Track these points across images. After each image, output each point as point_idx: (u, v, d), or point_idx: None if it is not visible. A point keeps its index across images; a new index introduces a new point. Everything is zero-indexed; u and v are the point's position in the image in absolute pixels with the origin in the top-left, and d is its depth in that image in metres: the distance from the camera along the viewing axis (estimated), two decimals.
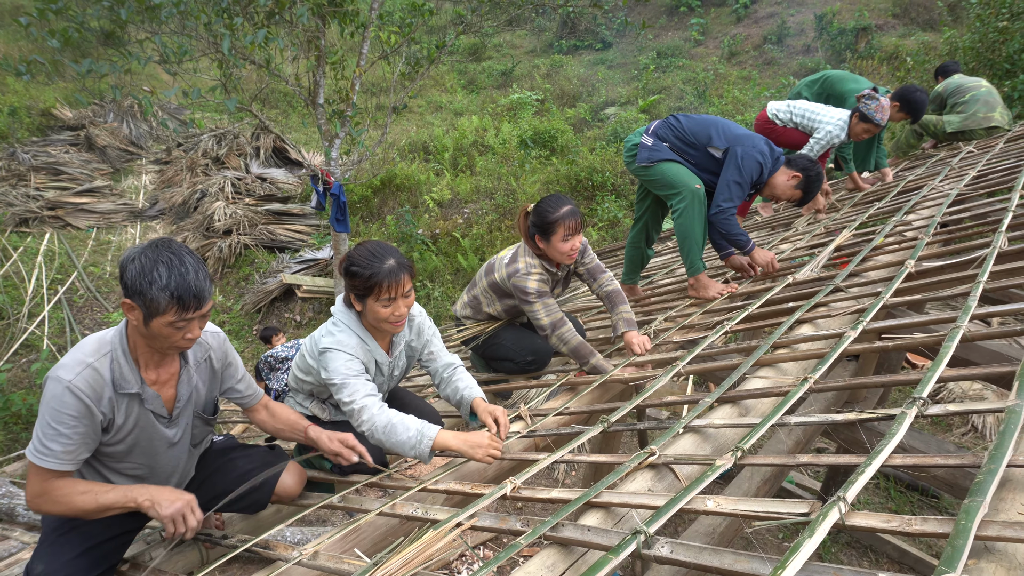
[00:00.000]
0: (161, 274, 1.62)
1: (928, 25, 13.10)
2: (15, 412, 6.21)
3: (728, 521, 2.02)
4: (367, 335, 2.26)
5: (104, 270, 9.55)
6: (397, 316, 2.15)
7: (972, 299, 2.01)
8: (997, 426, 5.19)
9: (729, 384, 2.05)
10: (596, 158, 10.42)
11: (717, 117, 3.46)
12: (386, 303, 2.12)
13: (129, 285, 1.64)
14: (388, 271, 2.08)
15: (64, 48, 5.57)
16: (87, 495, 1.75)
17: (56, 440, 1.67)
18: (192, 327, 1.72)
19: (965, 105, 5.77)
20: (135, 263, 1.64)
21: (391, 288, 2.09)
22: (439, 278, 9.10)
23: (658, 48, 15.64)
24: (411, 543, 1.52)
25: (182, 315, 1.66)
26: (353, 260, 2.13)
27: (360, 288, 2.12)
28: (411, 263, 2.19)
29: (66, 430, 1.67)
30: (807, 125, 4.54)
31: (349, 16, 6.82)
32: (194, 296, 1.66)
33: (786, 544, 4.45)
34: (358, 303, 2.18)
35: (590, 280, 3.06)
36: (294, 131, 14.20)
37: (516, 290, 2.83)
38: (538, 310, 2.78)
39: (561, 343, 2.77)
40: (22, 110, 12.94)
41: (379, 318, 2.15)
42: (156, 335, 1.70)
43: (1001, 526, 0.98)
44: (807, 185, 3.38)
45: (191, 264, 1.68)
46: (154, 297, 1.62)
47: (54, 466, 1.68)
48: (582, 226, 2.83)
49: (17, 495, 3.82)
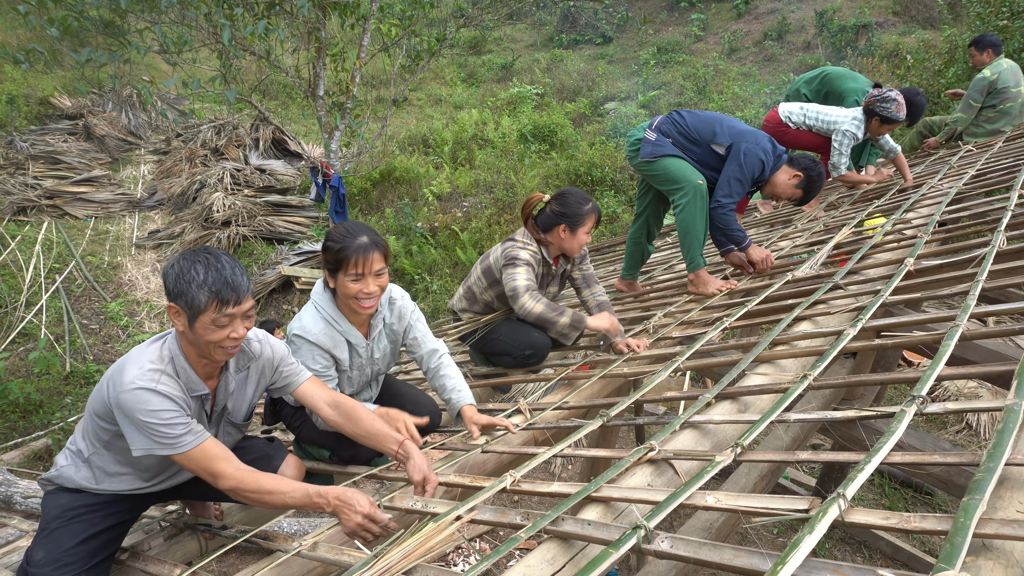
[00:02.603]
0: (198, 271, 1.70)
1: (928, 23, 13.09)
2: (12, 401, 6.20)
3: (726, 517, 2.03)
4: (340, 316, 2.29)
5: (102, 259, 9.52)
6: (366, 294, 2.17)
7: (971, 298, 2.02)
8: (993, 425, 5.23)
9: (728, 380, 2.06)
10: (596, 153, 10.41)
11: (720, 114, 3.47)
12: (355, 278, 2.15)
13: (171, 289, 1.72)
14: (358, 246, 2.12)
15: (63, 37, 5.54)
16: (274, 496, 1.76)
17: (177, 427, 1.71)
18: (235, 325, 1.76)
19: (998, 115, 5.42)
20: (174, 267, 1.72)
21: (359, 263, 2.12)
22: (438, 271, 9.10)
23: (658, 43, 15.61)
24: (411, 535, 1.52)
25: (222, 310, 1.71)
26: (329, 236, 2.19)
27: (331, 262, 2.17)
28: (386, 244, 2.23)
29: (176, 419, 1.71)
30: (822, 128, 4.54)
31: (350, 8, 6.79)
32: (231, 289, 1.72)
33: (781, 540, 4.47)
34: (331, 279, 2.22)
35: (583, 286, 3.10)
36: (294, 123, 14.15)
37: (505, 258, 2.86)
38: (518, 273, 2.81)
39: (525, 313, 2.78)
40: (20, 98, 12.88)
41: (348, 294, 2.18)
42: (201, 337, 1.74)
43: (999, 524, 0.99)
44: (808, 185, 3.40)
45: (227, 262, 1.75)
46: (194, 295, 1.68)
47: (196, 441, 1.73)
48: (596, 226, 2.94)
49: (15, 483, 3.83)
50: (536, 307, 2.76)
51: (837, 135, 4.45)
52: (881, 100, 4.34)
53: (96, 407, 1.83)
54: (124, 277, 9.30)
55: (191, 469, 1.75)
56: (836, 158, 4.52)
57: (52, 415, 6.30)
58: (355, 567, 1.44)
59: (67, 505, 1.87)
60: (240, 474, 1.75)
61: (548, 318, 2.77)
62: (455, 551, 4.34)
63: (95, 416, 1.84)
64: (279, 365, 2.07)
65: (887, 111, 4.33)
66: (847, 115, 4.46)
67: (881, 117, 4.37)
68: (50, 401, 6.52)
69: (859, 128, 4.41)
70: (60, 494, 1.91)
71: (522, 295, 2.77)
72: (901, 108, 4.34)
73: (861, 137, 4.45)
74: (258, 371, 2.05)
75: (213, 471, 1.74)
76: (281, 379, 2.09)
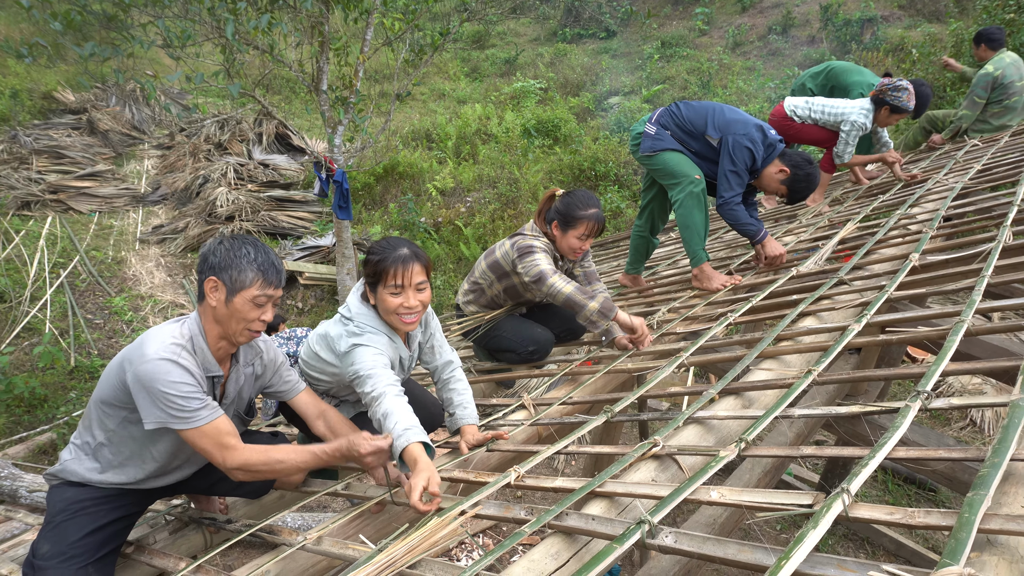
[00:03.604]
0: (249, 251, 1.83)
1: (934, 16, 13.01)
2: (17, 395, 6.22)
3: (729, 512, 2.03)
4: (391, 331, 2.22)
5: (106, 254, 9.53)
6: (407, 308, 2.10)
7: (976, 293, 2.01)
8: (996, 421, 5.22)
9: (732, 376, 2.06)
10: (599, 148, 10.38)
11: (716, 103, 3.43)
12: (394, 291, 2.09)
13: (216, 264, 1.82)
14: (398, 257, 2.08)
15: (66, 31, 5.54)
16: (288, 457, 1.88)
17: (193, 401, 1.75)
18: (267, 308, 1.86)
19: (1002, 111, 5.36)
20: (223, 245, 1.84)
21: (399, 274, 2.06)
22: (441, 267, 9.09)
23: (662, 37, 15.54)
24: (416, 530, 1.53)
25: (265, 289, 1.83)
26: (370, 248, 2.16)
27: (371, 275, 2.13)
28: (428, 258, 2.17)
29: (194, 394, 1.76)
30: (828, 120, 4.53)
31: (353, 2, 6.77)
32: (276, 272, 1.87)
33: (784, 535, 4.47)
34: (372, 294, 2.16)
35: (584, 283, 3.09)
36: (297, 117, 14.14)
37: (519, 250, 2.82)
38: (539, 259, 2.77)
39: (555, 293, 2.71)
40: (24, 93, 12.88)
41: (388, 308, 2.11)
42: (233, 314, 1.82)
43: (1004, 519, 0.99)
44: (793, 184, 3.30)
45: (270, 250, 1.90)
46: (242, 270, 1.80)
47: (210, 417, 1.77)
48: (599, 234, 2.87)
49: (20, 477, 3.84)
50: (566, 288, 2.69)
51: (846, 125, 4.45)
52: (893, 89, 4.34)
53: (103, 394, 1.85)
54: (128, 272, 9.32)
55: (201, 446, 1.78)
56: (842, 147, 4.52)
57: (57, 409, 6.32)
58: (360, 561, 1.45)
59: (73, 498, 1.88)
60: (248, 449, 1.83)
61: (577, 300, 2.68)
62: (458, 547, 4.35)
63: (101, 404, 1.86)
64: (279, 369, 2.16)
65: (898, 100, 4.34)
66: (855, 105, 4.46)
67: (891, 106, 4.38)
68: (55, 395, 6.54)
69: (868, 118, 4.43)
70: (66, 488, 1.92)
71: (550, 277, 2.71)
72: (911, 97, 4.36)
73: (870, 127, 4.45)
74: (261, 368, 2.12)
75: (225, 445, 1.79)
76: (280, 383, 2.18)
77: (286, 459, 1.88)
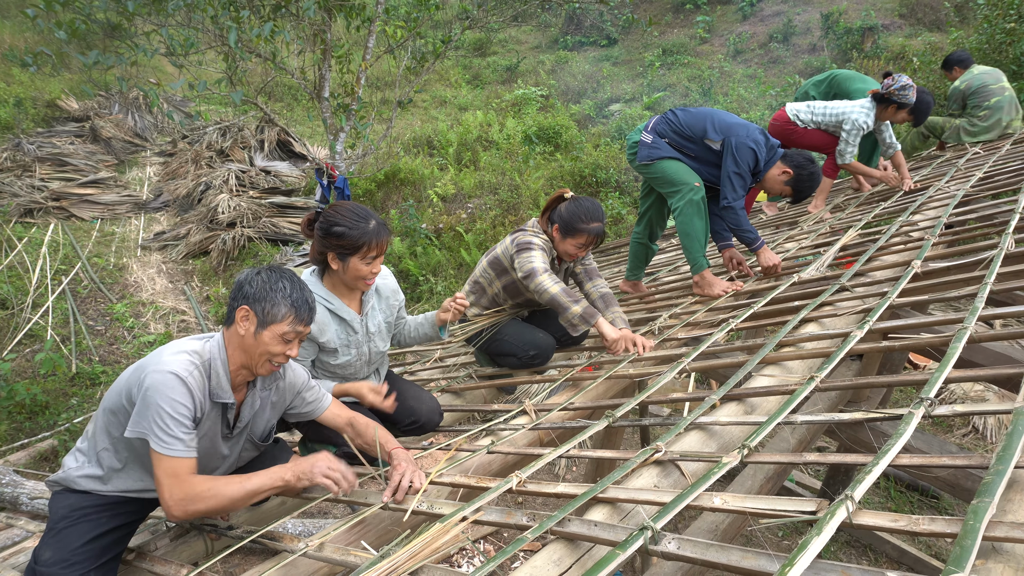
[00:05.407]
0: (285, 286, 1.83)
1: (935, 25, 13.04)
2: (19, 402, 6.22)
3: (731, 518, 2.02)
4: (331, 295, 2.37)
5: (108, 261, 9.55)
6: (374, 273, 2.32)
7: (979, 300, 2.01)
8: (999, 428, 5.21)
9: (735, 382, 2.06)
10: (600, 154, 10.40)
11: (713, 109, 3.45)
12: (369, 261, 2.26)
13: (250, 294, 1.81)
14: (375, 230, 2.24)
15: (70, 40, 5.58)
16: (231, 484, 1.78)
17: (180, 428, 1.71)
18: (294, 344, 1.86)
19: (988, 112, 5.50)
20: (260, 276, 1.84)
21: (378, 246, 2.24)
22: (442, 272, 9.10)
23: (663, 45, 15.58)
24: (417, 536, 1.52)
25: (295, 326, 1.84)
26: (337, 221, 2.23)
27: (347, 247, 2.23)
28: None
29: (184, 421, 1.72)
30: (830, 122, 4.57)
31: (355, 10, 6.81)
32: (309, 310, 1.87)
33: (786, 542, 4.46)
34: (337, 262, 2.29)
35: (585, 279, 3.10)
36: (299, 124, 14.18)
37: (518, 245, 2.85)
38: (534, 256, 2.80)
39: (541, 291, 2.75)
40: (28, 101, 12.93)
41: (359, 275, 2.29)
42: (259, 346, 1.81)
43: (1009, 527, 0.99)
44: (797, 184, 3.35)
45: (306, 287, 1.90)
46: (276, 304, 1.80)
47: (183, 453, 1.72)
48: (597, 246, 2.91)
49: (21, 484, 3.84)
50: (552, 288, 2.72)
51: (847, 124, 4.48)
52: (900, 88, 4.38)
53: (111, 403, 1.84)
54: (130, 278, 9.33)
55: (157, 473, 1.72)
56: (843, 146, 4.54)
57: (58, 416, 6.31)
58: (361, 568, 1.44)
59: (75, 505, 1.87)
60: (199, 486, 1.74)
61: (561, 302, 2.72)
62: (459, 553, 4.33)
63: (108, 412, 1.85)
64: (301, 390, 2.12)
65: (905, 97, 4.39)
66: (855, 105, 4.51)
67: (899, 104, 4.42)
68: (56, 402, 6.53)
69: (869, 116, 4.46)
70: (68, 495, 1.91)
71: (540, 275, 2.74)
72: (915, 92, 4.43)
73: (871, 126, 4.48)
74: (280, 393, 2.09)
75: (173, 481, 1.71)
76: (304, 405, 2.15)
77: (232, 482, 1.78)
